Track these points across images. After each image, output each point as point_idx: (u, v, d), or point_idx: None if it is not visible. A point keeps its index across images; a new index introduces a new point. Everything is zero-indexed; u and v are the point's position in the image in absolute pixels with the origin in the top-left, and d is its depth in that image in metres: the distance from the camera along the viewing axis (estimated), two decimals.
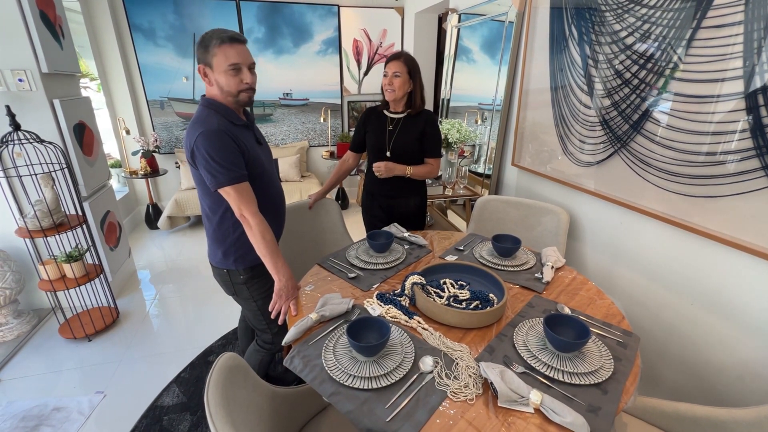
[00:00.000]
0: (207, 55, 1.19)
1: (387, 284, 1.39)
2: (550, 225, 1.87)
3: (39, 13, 2.07)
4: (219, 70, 1.19)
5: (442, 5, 3.25)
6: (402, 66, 1.71)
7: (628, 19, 1.44)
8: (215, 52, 1.18)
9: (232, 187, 1.22)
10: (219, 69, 1.19)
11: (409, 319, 1.17)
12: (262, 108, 4.15)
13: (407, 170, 1.80)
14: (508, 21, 2.21)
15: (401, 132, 1.82)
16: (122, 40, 3.58)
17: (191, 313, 2.55)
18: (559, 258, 1.50)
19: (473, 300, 1.23)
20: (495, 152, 2.40)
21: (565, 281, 1.41)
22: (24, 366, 2.05)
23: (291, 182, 3.99)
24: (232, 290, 1.46)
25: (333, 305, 1.21)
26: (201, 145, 1.18)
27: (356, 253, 1.58)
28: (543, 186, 2.08)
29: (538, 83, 2.00)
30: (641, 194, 1.48)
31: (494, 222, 2.03)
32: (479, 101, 2.73)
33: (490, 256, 1.55)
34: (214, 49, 1.17)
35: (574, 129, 1.77)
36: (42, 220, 1.96)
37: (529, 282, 1.39)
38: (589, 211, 1.79)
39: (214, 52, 1.18)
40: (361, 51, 4.21)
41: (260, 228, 1.25)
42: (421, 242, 1.66)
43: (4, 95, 2.06)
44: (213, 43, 1.17)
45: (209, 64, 1.20)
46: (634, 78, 1.44)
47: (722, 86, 1.16)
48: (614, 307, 1.25)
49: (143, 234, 3.79)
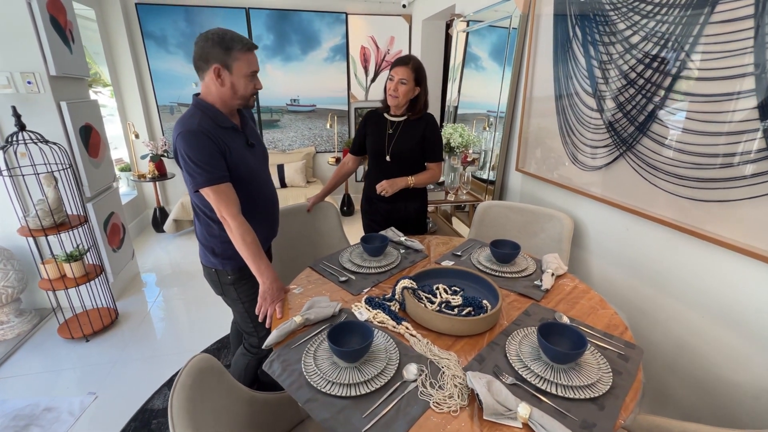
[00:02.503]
0: (227, 58, 1.17)
1: (378, 288, 1.35)
2: (554, 231, 1.80)
3: (49, 17, 2.12)
4: (239, 75, 1.20)
5: (449, 11, 3.24)
6: (409, 73, 1.66)
7: (632, 18, 1.39)
8: (238, 57, 1.18)
9: (211, 188, 1.20)
10: (239, 73, 1.20)
11: (396, 325, 1.12)
12: (269, 114, 4.19)
13: (409, 181, 1.76)
14: (511, 26, 2.18)
15: (401, 136, 1.78)
16: (135, 48, 3.66)
17: (191, 316, 2.54)
18: (560, 265, 1.43)
19: (466, 306, 1.18)
20: (498, 158, 2.35)
21: (565, 289, 1.34)
22: (21, 365, 2.05)
23: (296, 188, 3.99)
24: (220, 290, 1.43)
25: (319, 308, 1.17)
26: (180, 146, 1.19)
27: (349, 256, 1.54)
28: (547, 191, 2.02)
29: (542, 87, 1.95)
30: (649, 199, 1.41)
31: (496, 228, 1.97)
32: (487, 108, 2.71)
33: (487, 262, 1.49)
34: (237, 54, 1.17)
35: (579, 133, 1.71)
36: (43, 220, 1.98)
37: (527, 289, 1.32)
38: (594, 218, 1.72)
39: (237, 57, 1.18)
40: (368, 58, 4.22)
41: (240, 230, 1.23)
42: (417, 246, 1.62)
43: (13, 97, 2.10)
44: (237, 47, 1.17)
45: (228, 67, 1.19)
46: (639, 78, 1.38)
47: (733, 84, 1.10)
48: (617, 318, 1.18)
49: (150, 237, 3.82)
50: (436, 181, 1.98)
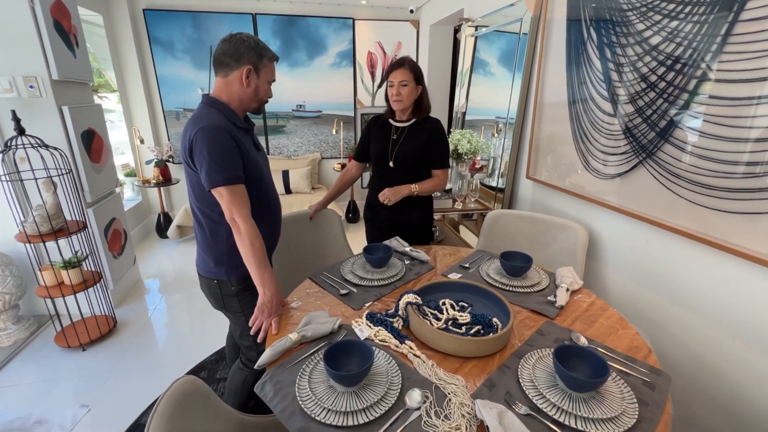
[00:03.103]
0: (259, 62, 1.23)
1: (381, 303, 1.27)
2: (567, 242, 1.71)
3: (53, 21, 2.10)
4: (264, 80, 1.27)
5: (457, 16, 3.18)
6: (408, 74, 1.62)
7: (653, 17, 1.31)
8: (267, 64, 1.25)
9: (226, 187, 1.16)
10: (265, 79, 1.27)
11: (399, 344, 1.04)
12: (275, 119, 4.16)
13: (413, 189, 1.69)
14: (522, 30, 2.11)
15: (405, 141, 1.72)
16: (142, 53, 3.66)
17: (193, 324, 2.48)
18: (575, 279, 1.34)
19: (474, 324, 1.09)
20: (508, 165, 2.27)
21: (582, 306, 1.25)
22: (16, 374, 2.00)
23: (301, 194, 3.94)
24: (221, 303, 1.37)
25: (317, 324, 1.09)
26: (200, 140, 1.14)
27: (351, 267, 1.46)
28: (560, 200, 1.93)
29: (554, 92, 1.87)
30: (671, 210, 1.32)
31: (506, 238, 1.88)
32: (496, 114, 2.65)
33: (497, 275, 1.41)
34: (266, 61, 1.25)
35: (594, 139, 1.62)
36: (41, 226, 1.94)
37: (540, 306, 1.24)
38: (611, 228, 1.62)
39: (266, 64, 1.25)
40: (375, 63, 4.18)
41: (250, 234, 1.17)
42: (422, 257, 1.54)
43: (15, 101, 2.08)
44: (268, 55, 1.25)
45: (257, 70, 1.24)
46: (660, 81, 1.29)
47: (764, 86, 1.01)
48: (639, 339, 1.08)
49: (153, 242, 3.79)
50: (441, 189, 1.91)
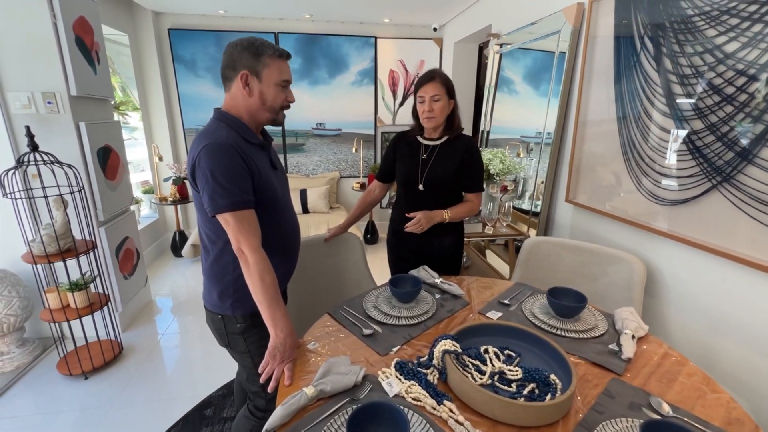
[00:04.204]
0: (256, 64, 1.06)
1: (411, 347, 1.09)
2: (619, 277, 1.50)
3: (75, 37, 2.08)
4: (269, 83, 1.08)
5: (484, 32, 3.08)
6: (440, 87, 1.49)
7: (728, 21, 1.14)
8: (268, 63, 1.07)
9: (232, 213, 1.01)
10: (269, 81, 1.08)
11: (437, 405, 0.85)
12: (294, 137, 4.10)
13: (445, 216, 1.53)
14: (560, 41, 1.96)
15: (437, 161, 1.57)
16: (165, 71, 3.68)
17: (202, 349, 2.34)
18: (640, 324, 1.14)
19: (527, 381, 0.90)
20: (545, 187, 2.08)
21: (652, 359, 1.04)
22: (14, 404, 1.88)
23: (319, 213, 3.82)
24: (225, 341, 1.21)
25: (337, 375, 0.92)
26: (203, 159, 1.00)
27: (375, 302, 1.29)
28: (607, 227, 1.72)
29: (599, 109, 1.70)
30: (755, 243, 1.11)
31: (546, 269, 1.69)
32: (521, 133, 2.52)
33: (544, 316, 1.21)
34: (267, 60, 1.07)
35: (651, 159, 1.43)
36: (48, 245, 1.85)
37: (601, 357, 1.03)
38: (675, 262, 1.41)
39: (267, 63, 1.07)
40: (396, 81, 4.10)
41: (259, 267, 1.02)
42: (456, 291, 1.35)
43: (32, 117, 2.04)
44: (267, 52, 1.07)
45: (257, 74, 1.07)
46: (740, 92, 1.11)
47: None
48: (738, 408, 0.87)
49: (168, 261, 3.71)
50: (474, 215, 1.74)
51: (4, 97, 2.01)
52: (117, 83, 3.68)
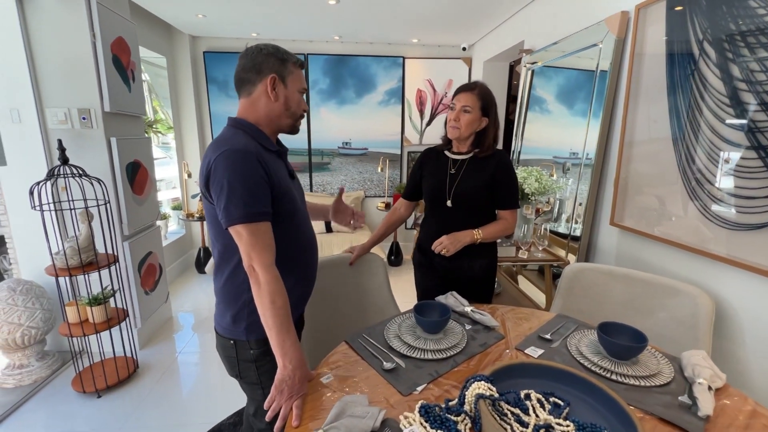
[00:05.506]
0: (283, 69, 1.06)
1: (438, 386, 0.95)
2: (680, 311, 1.30)
3: (112, 56, 2.14)
4: (293, 89, 1.09)
5: (515, 49, 2.99)
6: (475, 100, 1.40)
7: None
8: (292, 71, 1.08)
9: (246, 226, 0.93)
10: (293, 88, 1.09)
11: None
12: (320, 156, 4.09)
13: (476, 236, 1.40)
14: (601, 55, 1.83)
15: (465, 176, 1.45)
16: (198, 91, 3.80)
17: (219, 369, 2.24)
18: (716, 372, 0.94)
19: None
20: (585, 210, 1.91)
21: (737, 418, 0.84)
22: (25, 421, 1.84)
23: (342, 233, 3.74)
24: (236, 370, 1.11)
25: (353, 419, 0.79)
26: (220, 166, 0.93)
27: (398, 331, 1.16)
28: (660, 254, 1.53)
29: (648, 126, 1.54)
30: None
31: (590, 300, 1.50)
32: (554, 153, 2.38)
33: (595, 356, 1.04)
34: (291, 67, 1.08)
35: (714, 177, 1.26)
36: (70, 259, 1.84)
37: (671, 412, 0.85)
38: (752, 297, 1.20)
39: (291, 70, 1.08)
40: (424, 101, 4.06)
41: (271, 287, 0.92)
42: (489, 323, 1.20)
43: (67, 132, 2.09)
44: (291, 60, 1.08)
45: (283, 78, 1.06)
46: None
47: None
48: None
49: (191, 277, 3.71)
50: (508, 234, 1.59)
51: (43, 112, 2.08)
52: (158, 106, 3.82)
